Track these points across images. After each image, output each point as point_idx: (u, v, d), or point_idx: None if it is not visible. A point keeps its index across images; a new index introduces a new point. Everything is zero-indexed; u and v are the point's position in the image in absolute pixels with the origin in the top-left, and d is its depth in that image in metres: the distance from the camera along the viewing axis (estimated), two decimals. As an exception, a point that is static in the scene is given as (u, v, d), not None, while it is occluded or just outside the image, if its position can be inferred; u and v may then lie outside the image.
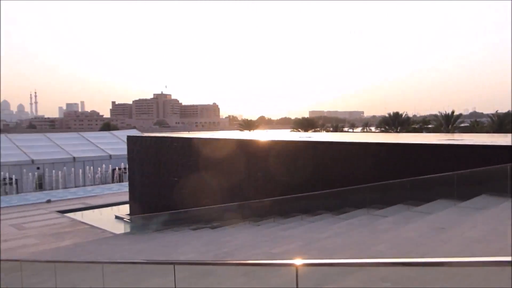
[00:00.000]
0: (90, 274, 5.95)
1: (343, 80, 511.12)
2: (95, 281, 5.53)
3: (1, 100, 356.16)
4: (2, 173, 34.33)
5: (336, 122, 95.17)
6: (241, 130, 70.32)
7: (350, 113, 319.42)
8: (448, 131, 43.59)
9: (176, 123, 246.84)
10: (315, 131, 61.99)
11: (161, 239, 15.74)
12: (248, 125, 76.89)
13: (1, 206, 29.25)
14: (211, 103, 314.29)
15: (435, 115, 53.18)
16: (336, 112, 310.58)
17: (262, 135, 24.75)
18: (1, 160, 35.59)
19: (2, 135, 48.77)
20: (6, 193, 33.89)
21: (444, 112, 49.48)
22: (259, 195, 15.95)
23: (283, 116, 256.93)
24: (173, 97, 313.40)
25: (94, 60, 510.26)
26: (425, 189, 9.79)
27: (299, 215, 12.80)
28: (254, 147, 18.11)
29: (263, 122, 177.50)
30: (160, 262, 4.30)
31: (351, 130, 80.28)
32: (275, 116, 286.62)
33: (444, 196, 9.12)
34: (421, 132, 49.10)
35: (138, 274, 4.94)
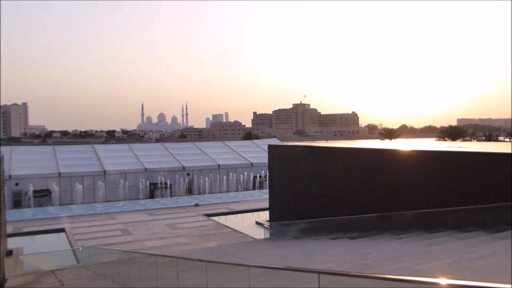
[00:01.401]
0: (234, 275, 6.29)
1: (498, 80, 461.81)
2: (239, 282, 5.82)
3: (145, 115, 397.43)
4: (159, 178, 38.27)
5: (489, 131, 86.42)
6: (381, 139, 67.99)
7: (506, 120, 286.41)
8: None
9: (314, 132, 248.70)
10: (464, 140, 57.07)
11: (299, 246, 15.92)
12: (389, 134, 74.06)
13: (158, 207, 32.58)
14: (350, 112, 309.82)
15: None
16: (489, 119, 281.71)
17: (404, 145, 23.60)
18: (159, 166, 39.75)
19: (159, 144, 54.45)
20: (162, 196, 37.65)
21: None
22: (401, 207, 15.21)
23: (427, 125, 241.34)
24: (311, 106, 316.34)
25: (236, 73, 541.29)
26: None
27: (445, 231, 11.86)
28: (395, 157, 17.36)
29: (405, 131, 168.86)
30: (305, 270, 4.33)
31: (507, 139, 71.91)
32: (418, 124, 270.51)
33: None
34: None
35: (279, 279, 5.06)
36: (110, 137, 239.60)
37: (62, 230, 25.11)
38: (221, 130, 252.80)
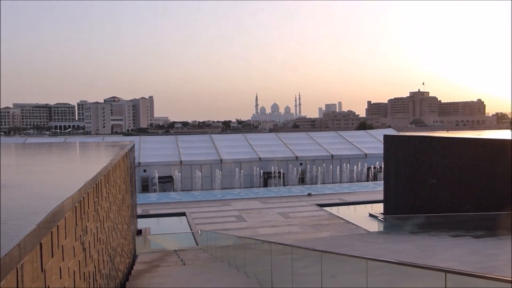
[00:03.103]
0: (349, 267, 6.18)
1: None
2: (354, 275, 5.72)
3: (272, 103, 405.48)
4: (272, 167, 39.04)
5: None
6: (512, 129, 61.55)
7: None
8: None
9: (433, 121, 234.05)
10: None
11: (416, 242, 15.16)
12: (521, 123, 66.73)
13: (271, 195, 33.29)
14: (475, 100, 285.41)
15: None
16: None
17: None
18: (272, 156, 40.55)
19: (273, 134, 55.47)
20: (275, 185, 38.38)
21: None
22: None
23: None
24: (431, 94, 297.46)
25: (349, 61, 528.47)
26: None
27: None
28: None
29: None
30: (429, 267, 4.05)
31: None
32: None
33: None
34: None
35: (398, 274, 4.85)
36: (226, 127, 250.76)
37: (183, 214, 26.88)
38: (334, 120, 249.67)
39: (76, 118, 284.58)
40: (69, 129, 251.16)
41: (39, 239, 2.61)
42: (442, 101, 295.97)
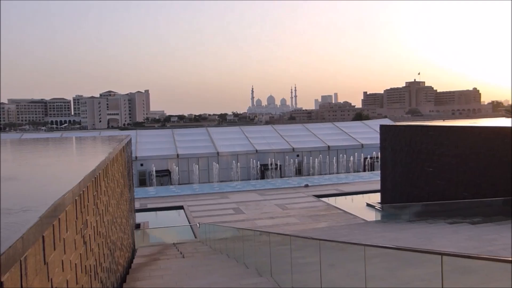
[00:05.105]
0: (347, 255, 6.24)
1: None
2: (353, 263, 5.78)
3: (268, 95, 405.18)
4: (269, 159, 39.09)
5: None
6: (508, 117, 61.77)
7: None
8: None
9: (430, 111, 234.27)
10: None
11: (414, 230, 15.27)
12: (516, 111, 66.97)
13: (269, 187, 33.32)
14: (471, 89, 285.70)
15: None
16: None
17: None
18: (269, 148, 40.58)
19: (269, 126, 55.46)
20: (272, 177, 38.45)
21: None
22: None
23: None
24: (427, 84, 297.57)
25: (346, 52, 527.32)
26: None
27: None
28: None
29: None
30: (426, 251, 4.10)
31: None
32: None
33: None
34: None
35: (397, 261, 4.91)
36: (222, 120, 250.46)
37: (181, 207, 26.94)
38: (330, 111, 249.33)
39: (72, 113, 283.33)
40: (65, 124, 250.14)
41: (42, 232, 2.63)
42: (438, 91, 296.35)
